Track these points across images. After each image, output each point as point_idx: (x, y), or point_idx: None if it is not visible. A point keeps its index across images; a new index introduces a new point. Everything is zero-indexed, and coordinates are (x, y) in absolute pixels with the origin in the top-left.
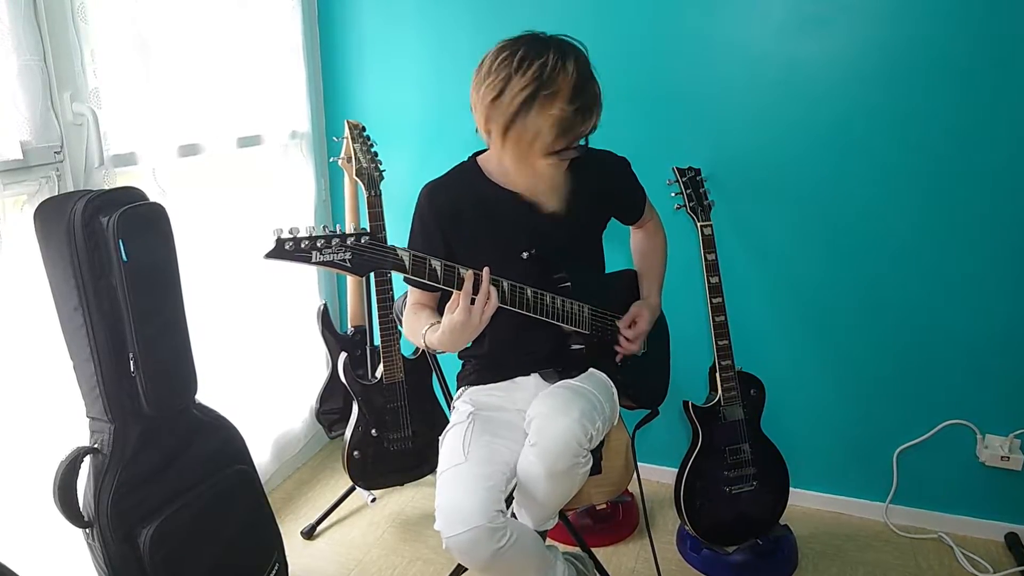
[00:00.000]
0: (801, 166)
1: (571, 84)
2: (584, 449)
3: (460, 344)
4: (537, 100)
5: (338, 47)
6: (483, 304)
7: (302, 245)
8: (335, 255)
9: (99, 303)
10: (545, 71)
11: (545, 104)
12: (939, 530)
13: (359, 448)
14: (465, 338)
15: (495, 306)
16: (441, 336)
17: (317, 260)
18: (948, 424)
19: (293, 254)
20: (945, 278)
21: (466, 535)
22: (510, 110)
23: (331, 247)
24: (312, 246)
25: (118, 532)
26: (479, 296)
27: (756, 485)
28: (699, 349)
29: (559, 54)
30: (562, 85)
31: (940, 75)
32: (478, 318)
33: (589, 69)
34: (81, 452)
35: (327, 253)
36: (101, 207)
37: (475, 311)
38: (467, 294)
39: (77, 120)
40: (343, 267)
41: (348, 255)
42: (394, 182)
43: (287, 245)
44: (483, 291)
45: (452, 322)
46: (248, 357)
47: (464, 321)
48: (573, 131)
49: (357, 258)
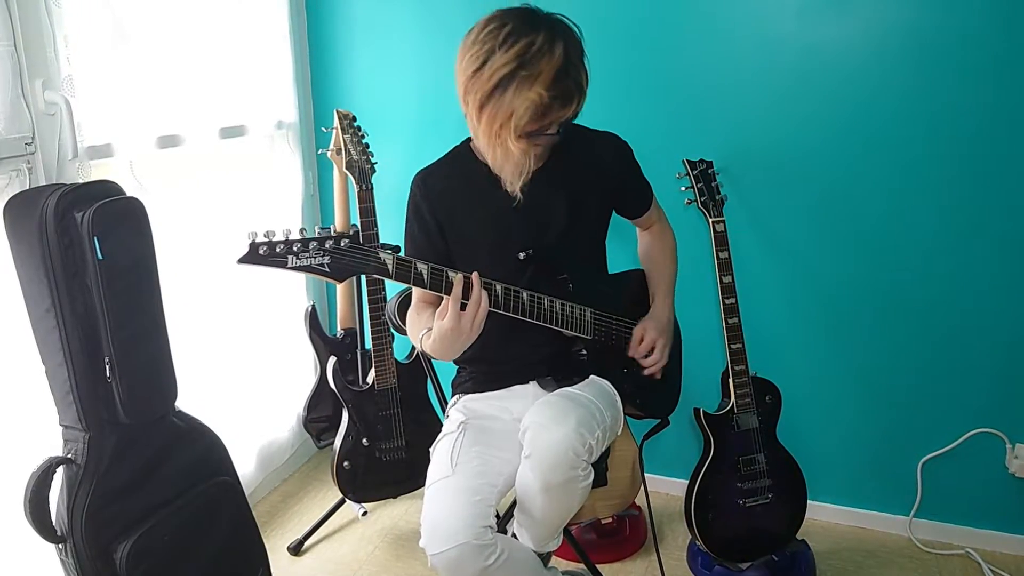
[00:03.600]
0: (820, 158)
1: (554, 68)
2: (582, 461)
3: (453, 353)
4: (516, 80)
5: (327, 31)
6: (474, 311)
7: (277, 249)
8: (312, 259)
9: (73, 304)
10: (530, 51)
11: (523, 85)
12: (966, 545)
13: (349, 458)
14: (458, 347)
15: (487, 311)
16: (433, 344)
17: (293, 265)
18: (976, 433)
19: (267, 259)
20: (973, 278)
21: (451, 552)
22: (487, 86)
23: (308, 251)
24: (288, 250)
25: (93, 548)
26: (470, 302)
27: (771, 497)
28: (711, 353)
29: (549, 35)
30: (544, 68)
31: (971, 60)
32: (469, 324)
33: (579, 56)
34: (54, 463)
35: (304, 257)
36: (75, 202)
37: (465, 318)
38: (456, 299)
39: (49, 110)
40: (321, 272)
41: (327, 259)
42: (386, 175)
43: (261, 249)
44: (474, 297)
45: (442, 330)
46: (231, 362)
47: (454, 328)
48: (549, 116)
49: (336, 262)
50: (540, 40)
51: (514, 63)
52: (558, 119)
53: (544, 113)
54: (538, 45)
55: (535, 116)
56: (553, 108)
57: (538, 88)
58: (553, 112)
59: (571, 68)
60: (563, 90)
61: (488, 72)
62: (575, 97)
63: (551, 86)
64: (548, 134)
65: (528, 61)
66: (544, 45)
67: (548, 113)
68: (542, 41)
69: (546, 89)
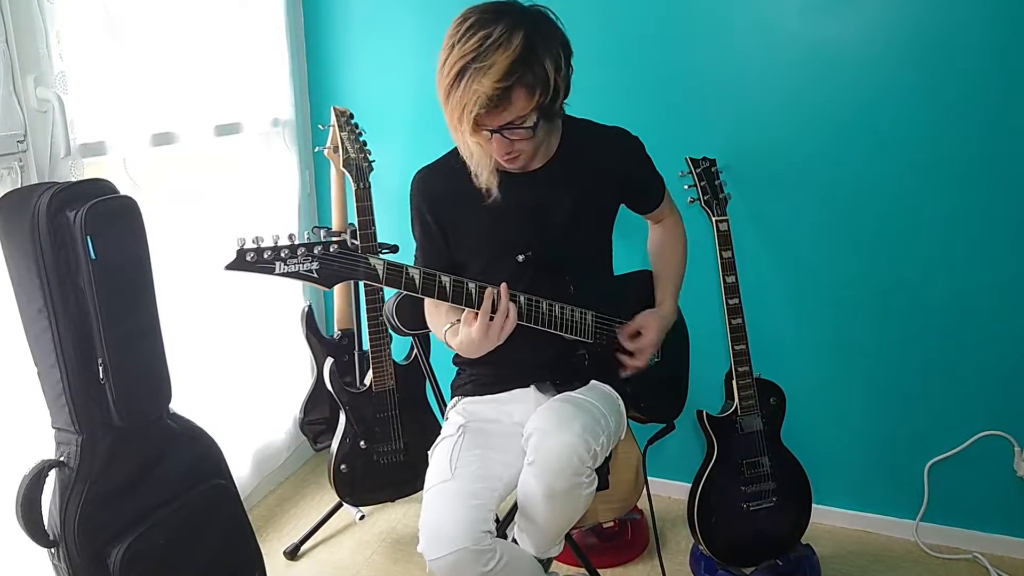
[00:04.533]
0: (825, 156)
1: (509, 60)
2: (587, 467)
3: (477, 356)
4: (467, 73)
5: (324, 26)
6: (502, 321)
7: (265, 255)
8: (300, 265)
9: (65, 305)
10: (485, 43)
11: (474, 77)
12: (973, 549)
13: (347, 461)
14: (482, 352)
15: (514, 324)
16: (459, 346)
17: (281, 271)
18: (983, 435)
19: (255, 265)
20: (980, 279)
21: (450, 557)
22: (446, 81)
23: (296, 257)
24: (276, 256)
25: (86, 552)
26: (497, 315)
27: (776, 501)
28: (714, 354)
29: (509, 26)
30: (498, 60)
31: (979, 57)
32: (496, 335)
33: (547, 46)
34: (46, 466)
35: (292, 264)
36: (68, 201)
37: (493, 328)
38: (486, 312)
39: (42, 107)
40: (309, 278)
41: (315, 265)
42: (385, 174)
43: (248, 256)
44: (501, 309)
45: (469, 338)
46: (227, 363)
47: (481, 339)
48: (508, 109)
49: (325, 268)
50: (498, 31)
51: (469, 56)
52: (522, 111)
53: (499, 105)
54: (494, 37)
55: (489, 108)
56: (511, 98)
57: (489, 79)
58: (513, 104)
59: (531, 58)
60: (521, 81)
61: (448, 67)
62: (536, 88)
63: (504, 77)
64: (522, 127)
65: (482, 53)
66: (501, 36)
67: (505, 105)
68: (500, 32)
69: (498, 80)
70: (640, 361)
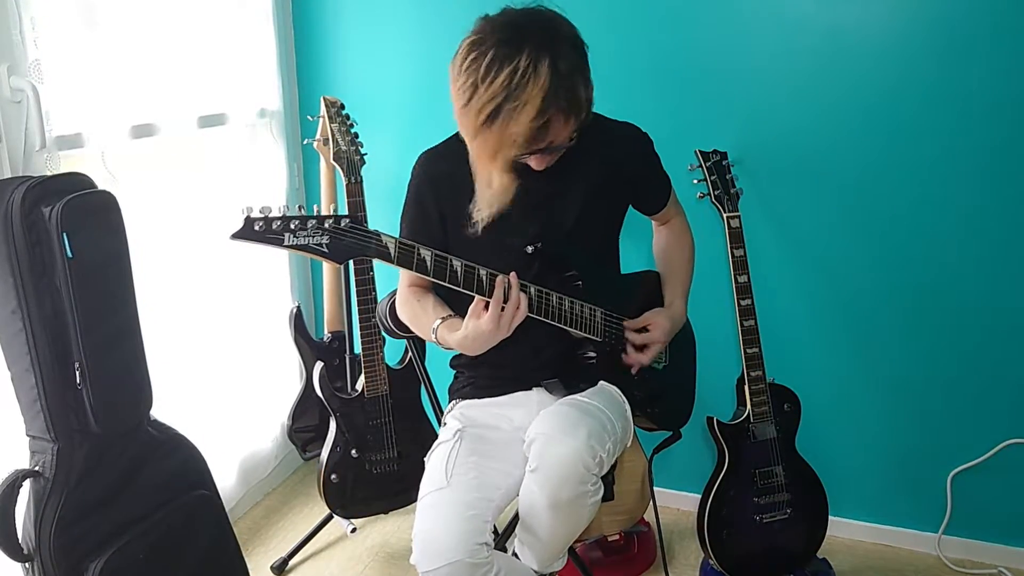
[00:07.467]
0: (841, 149)
1: (542, 93)
2: (593, 475)
3: (482, 351)
4: (502, 115)
5: (313, 13)
6: (512, 312)
7: (274, 226)
8: (311, 238)
9: (40, 305)
10: (514, 79)
11: (509, 118)
12: (999, 564)
13: (337, 471)
14: (489, 346)
15: (524, 314)
16: (463, 341)
17: (290, 243)
18: (1009, 444)
19: (264, 235)
20: (1006, 280)
21: (444, 570)
22: (476, 121)
23: (306, 229)
24: (285, 227)
25: (62, 566)
26: (509, 304)
27: (790, 513)
28: (725, 358)
29: (533, 54)
30: (532, 95)
31: (1006, 45)
32: (507, 327)
33: (571, 66)
34: (20, 476)
35: (302, 236)
36: (43, 196)
37: (504, 319)
38: (498, 301)
39: (15, 97)
40: (319, 252)
41: (326, 239)
42: (377, 167)
43: (257, 225)
44: (512, 299)
45: (479, 330)
46: (211, 367)
47: (493, 330)
48: (548, 136)
49: (336, 243)
50: (524, 62)
51: (500, 97)
52: (560, 133)
53: (537, 136)
54: (521, 70)
55: (528, 142)
56: (549, 129)
57: (525, 118)
58: (552, 131)
59: (561, 86)
60: (557, 109)
61: (475, 108)
62: (572, 112)
63: (540, 112)
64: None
65: (513, 92)
66: (529, 68)
67: (545, 135)
68: (526, 64)
69: (534, 118)
70: (647, 357)
